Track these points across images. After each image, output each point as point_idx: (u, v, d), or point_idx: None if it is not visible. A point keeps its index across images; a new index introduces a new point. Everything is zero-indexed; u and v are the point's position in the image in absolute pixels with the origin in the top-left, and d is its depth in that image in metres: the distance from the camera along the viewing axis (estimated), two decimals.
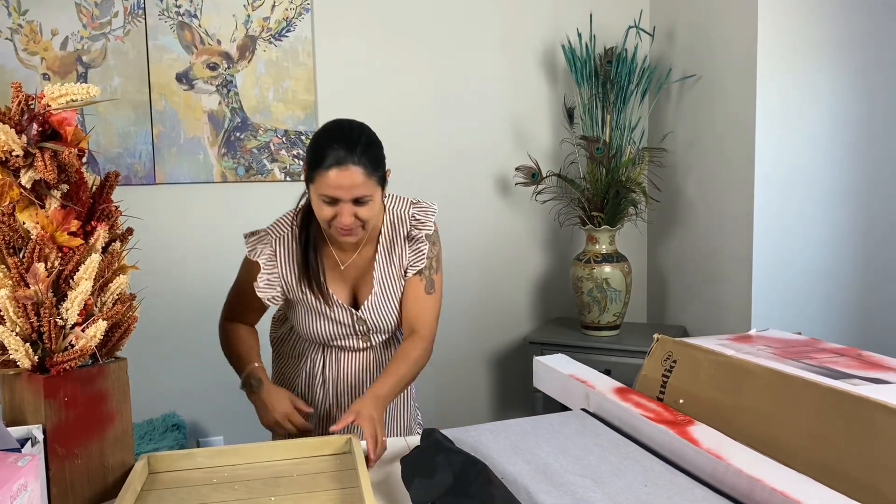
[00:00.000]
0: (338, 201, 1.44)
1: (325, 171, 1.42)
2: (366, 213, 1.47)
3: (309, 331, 1.66)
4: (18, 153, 1.05)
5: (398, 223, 1.65)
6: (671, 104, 2.90)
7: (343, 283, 1.65)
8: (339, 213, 1.45)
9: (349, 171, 1.41)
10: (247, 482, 1.19)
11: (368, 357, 1.72)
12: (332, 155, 1.42)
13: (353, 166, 1.42)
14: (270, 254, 1.61)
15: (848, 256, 2.41)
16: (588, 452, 1.22)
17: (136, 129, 2.69)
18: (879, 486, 0.96)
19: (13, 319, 1.05)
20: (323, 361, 1.71)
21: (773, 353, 1.32)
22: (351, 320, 1.64)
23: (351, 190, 1.43)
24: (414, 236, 1.64)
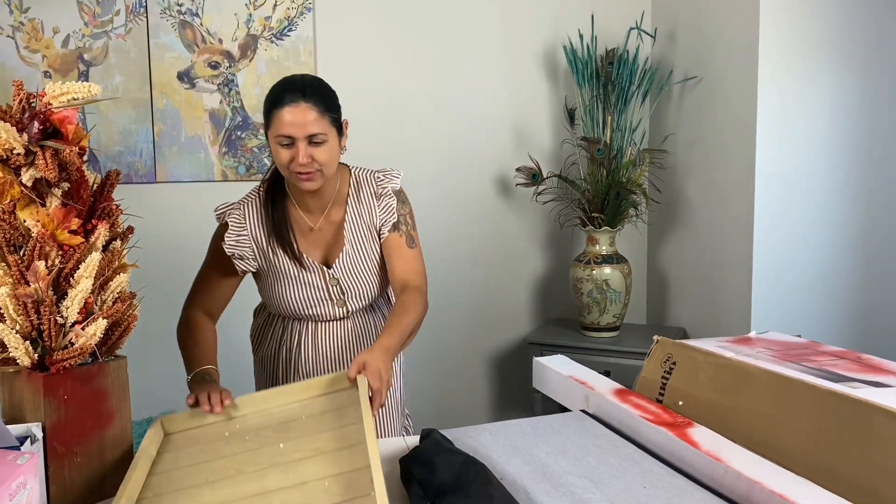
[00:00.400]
0: (293, 142, 1.50)
1: (279, 110, 1.50)
2: (322, 156, 1.52)
3: (283, 300, 1.66)
4: (20, 151, 1.05)
5: (364, 184, 1.69)
6: (672, 106, 2.90)
7: (315, 247, 1.67)
8: (294, 154, 1.51)
9: (300, 107, 1.49)
10: (257, 431, 1.20)
11: (347, 327, 1.72)
12: (286, 96, 1.51)
13: (304, 103, 1.49)
14: (239, 216, 1.66)
15: (848, 259, 2.41)
16: (587, 453, 1.22)
17: (137, 128, 2.69)
18: (878, 489, 0.96)
19: (13, 317, 1.05)
20: (299, 336, 1.71)
21: (773, 355, 1.32)
22: (324, 280, 1.65)
23: (304, 127, 1.49)
24: (381, 193, 1.68)
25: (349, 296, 1.68)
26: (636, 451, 1.22)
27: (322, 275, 1.65)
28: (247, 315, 1.97)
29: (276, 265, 1.65)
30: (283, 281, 1.65)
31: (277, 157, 1.53)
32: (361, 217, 1.68)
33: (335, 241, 1.67)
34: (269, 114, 1.53)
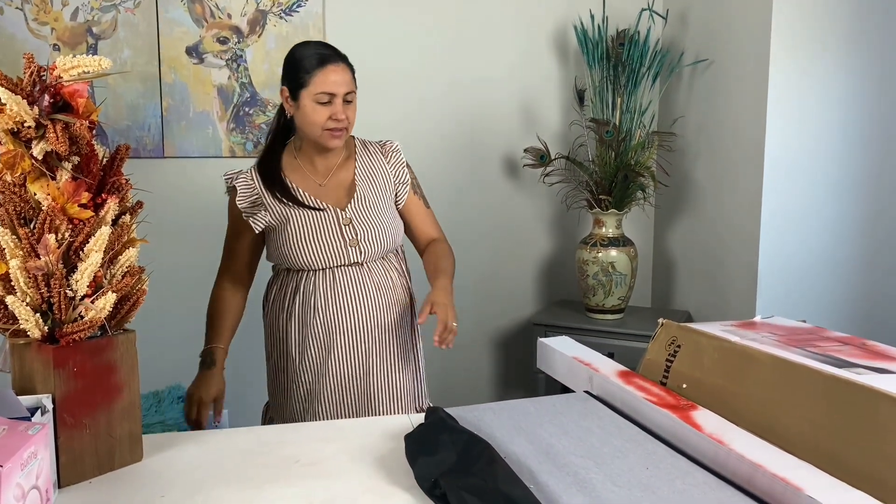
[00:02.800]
0: (333, 99, 1.62)
1: (321, 69, 1.62)
2: (352, 114, 1.67)
3: (297, 246, 1.70)
4: (30, 124, 1.05)
5: (368, 145, 1.83)
6: (682, 88, 2.88)
7: (326, 196, 1.74)
8: (334, 111, 1.62)
9: (341, 66, 1.65)
10: None
11: (362, 275, 1.74)
12: (325, 55, 1.64)
13: (342, 63, 1.66)
14: (246, 176, 1.74)
15: (855, 245, 2.40)
16: (590, 434, 1.23)
17: (146, 102, 2.69)
18: (882, 475, 0.96)
19: (24, 290, 1.06)
20: (313, 286, 1.73)
21: (778, 340, 1.33)
22: (337, 222, 1.70)
23: (344, 85, 1.63)
24: (388, 151, 1.82)
25: (362, 237, 1.71)
26: (639, 433, 1.23)
27: (335, 216, 1.70)
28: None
29: (289, 214, 1.70)
30: (297, 227, 1.70)
31: (313, 114, 1.62)
32: (372, 172, 1.77)
33: (346, 190, 1.75)
34: (309, 73, 1.62)
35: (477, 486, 0.97)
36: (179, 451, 1.24)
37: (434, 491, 1.03)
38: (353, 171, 1.77)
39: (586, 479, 1.05)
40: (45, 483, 0.91)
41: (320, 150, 1.73)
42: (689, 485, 1.03)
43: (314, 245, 1.69)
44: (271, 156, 1.77)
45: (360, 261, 1.72)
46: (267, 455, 1.22)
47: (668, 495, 1.00)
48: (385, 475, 1.14)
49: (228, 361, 2.90)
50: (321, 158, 1.75)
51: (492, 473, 1.01)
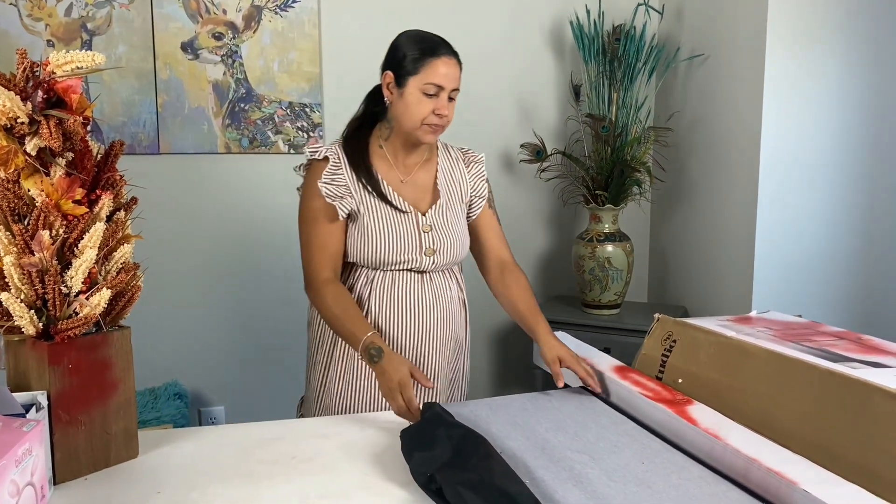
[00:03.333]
0: (440, 92, 1.55)
1: (436, 59, 1.54)
2: (452, 112, 1.59)
3: (373, 243, 1.59)
4: (24, 120, 1.05)
5: (450, 149, 1.76)
6: (678, 83, 2.88)
7: (407, 195, 1.65)
8: (438, 106, 1.55)
9: (453, 61, 1.57)
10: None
11: (424, 283, 1.65)
12: (441, 46, 1.57)
13: (454, 58, 1.58)
14: (334, 155, 1.62)
15: (851, 240, 2.40)
16: (586, 430, 1.23)
17: (141, 98, 2.68)
18: (876, 468, 0.96)
19: (18, 286, 1.06)
20: (371, 284, 1.63)
21: (773, 335, 1.33)
22: (417, 227, 1.61)
23: (454, 80, 1.56)
24: (471, 161, 1.75)
25: (440, 248, 1.63)
26: (635, 428, 1.23)
27: (416, 220, 1.62)
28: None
29: (370, 208, 1.61)
30: (374, 221, 1.60)
31: (417, 105, 1.55)
32: (452, 178, 1.71)
33: (427, 192, 1.67)
34: (420, 61, 1.54)
35: (473, 480, 0.97)
36: (175, 448, 1.24)
37: (430, 486, 1.03)
38: (435, 174, 1.69)
39: (582, 473, 1.05)
40: (40, 480, 0.91)
41: (409, 145, 1.64)
42: (685, 479, 1.03)
43: (389, 245, 1.60)
44: (358, 139, 1.66)
45: (428, 269, 1.64)
46: (263, 451, 1.22)
47: (664, 489, 1.01)
48: (381, 471, 1.14)
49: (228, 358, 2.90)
50: (407, 154, 1.66)
51: (488, 469, 1.01)
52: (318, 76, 2.79)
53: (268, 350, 2.85)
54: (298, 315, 2.81)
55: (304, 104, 2.80)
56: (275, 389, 2.88)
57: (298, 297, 2.74)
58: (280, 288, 2.84)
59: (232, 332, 2.84)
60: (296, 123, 2.80)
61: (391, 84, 1.59)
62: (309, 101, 2.80)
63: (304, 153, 1.67)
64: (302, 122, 2.80)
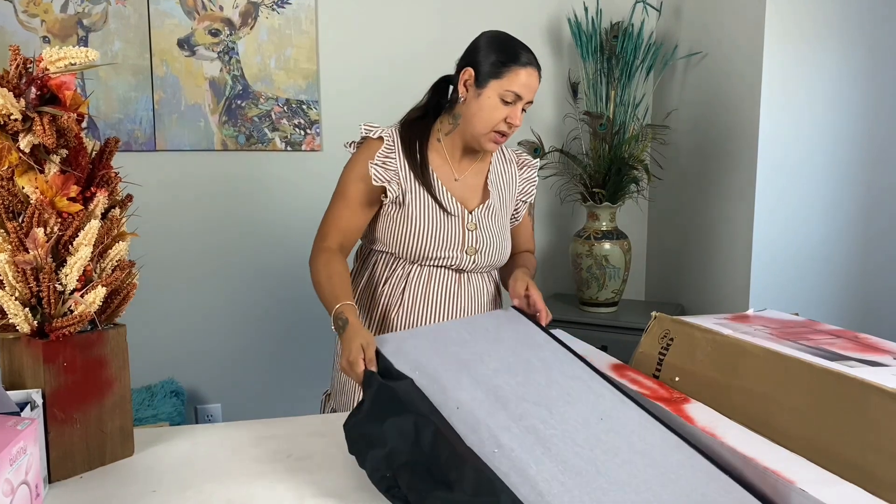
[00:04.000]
0: (518, 101, 1.52)
1: (520, 67, 1.51)
2: (521, 123, 1.56)
3: (415, 237, 1.56)
4: (17, 117, 1.04)
5: (505, 150, 1.74)
6: (676, 81, 2.87)
7: (457, 192, 1.62)
8: (512, 115, 1.53)
9: (536, 73, 1.54)
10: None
11: (461, 282, 1.62)
12: (527, 55, 1.53)
13: (538, 71, 1.54)
14: (390, 138, 1.59)
15: (848, 239, 2.40)
16: (533, 370, 1.21)
17: (137, 95, 2.67)
18: (873, 468, 0.96)
19: (12, 284, 1.05)
20: (407, 279, 1.59)
21: (770, 333, 1.33)
22: (462, 225, 1.59)
23: (533, 92, 1.54)
24: (524, 163, 1.74)
25: (483, 248, 1.60)
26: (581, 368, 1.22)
27: (462, 219, 1.59)
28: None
29: (418, 202, 1.57)
30: (420, 213, 1.56)
31: (493, 110, 1.52)
32: (503, 178, 1.70)
33: (477, 191, 1.65)
34: (505, 66, 1.51)
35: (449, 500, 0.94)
36: (171, 446, 1.23)
37: (393, 491, 0.99)
38: (487, 174, 1.67)
39: (547, 437, 1.04)
40: (34, 478, 0.91)
41: (471, 148, 1.61)
42: (648, 444, 1.02)
43: (432, 238, 1.57)
44: (418, 128, 1.63)
45: (467, 269, 1.61)
46: (259, 449, 1.21)
47: (630, 457, 0.99)
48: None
49: (225, 356, 2.90)
50: (464, 153, 1.63)
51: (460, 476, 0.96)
52: (315, 73, 2.79)
53: (265, 347, 2.85)
54: (295, 312, 2.81)
55: (302, 101, 2.79)
56: (272, 387, 2.87)
57: (295, 294, 2.75)
58: (277, 285, 2.83)
59: (228, 330, 2.83)
60: (293, 121, 2.79)
61: (469, 81, 1.55)
62: (306, 98, 2.79)
63: (360, 129, 1.62)
64: (299, 119, 2.79)
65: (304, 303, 1.96)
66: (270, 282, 2.83)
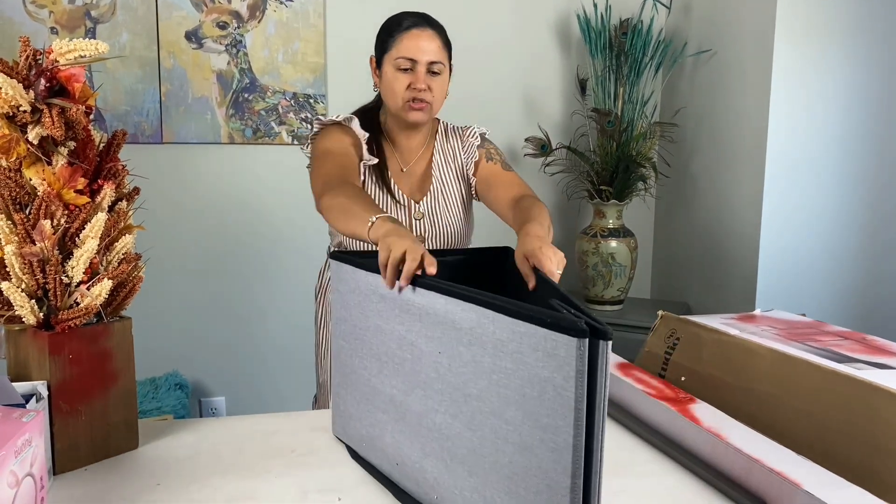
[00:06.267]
0: (414, 65, 1.52)
1: (404, 31, 1.53)
2: (437, 87, 1.56)
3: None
4: (26, 108, 1.04)
5: (451, 132, 1.74)
6: (685, 79, 2.86)
7: (404, 185, 1.66)
8: (414, 80, 1.52)
9: (426, 32, 1.53)
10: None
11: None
12: (410, 19, 1.54)
13: (430, 29, 1.54)
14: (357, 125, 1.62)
15: (857, 239, 2.39)
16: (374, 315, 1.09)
17: (144, 87, 2.67)
18: (879, 470, 0.96)
19: (19, 275, 1.05)
20: None
21: (778, 334, 1.32)
22: (409, 215, 1.63)
23: (427, 52, 1.52)
24: (465, 136, 1.72)
25: (431, 234, 1.64)
26: (395, 299, 1.03)
27: (408, 209, 1.63)
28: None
29: (368, 183, 1.63)
30: None
31: (394, 82, 1.54)
32: (447, 162, 1.70)
33: (423, 181, 1.68)
34: (390, 38, 1.54)
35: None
36: (175, 439, 1.23)
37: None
38: (431, 158, 1.69)
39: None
40: (39, 470, 0.91)
41: (403, 128, 1.64)
42: (489, 382, 0.88)
43: None
44: (371, 117, 1.65)
45: None
46: (263, 443, 1.21)
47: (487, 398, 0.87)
48: None
49: (230, 349, 2.91)
50: (405, 139, 1.66)
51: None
52: (322, 67, 2.78)
53: (269, 341, 2.85)
54: (301, 306, 2.81)
55: (309, 95, 2.79)
56: (276, 381, 2.88)
57: (301, 288, 2.74)
58: (282, 279, 2.83)
59: (233, 324, 2.84)
60: (300, 114, 2.79)
61: (373, 68, 1.61)
62: (313, 92, 2.79)
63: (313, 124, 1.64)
64: (306, 113, 2.79)
65: (311, 296, 1.95)
66: (276, 275, 2.83)
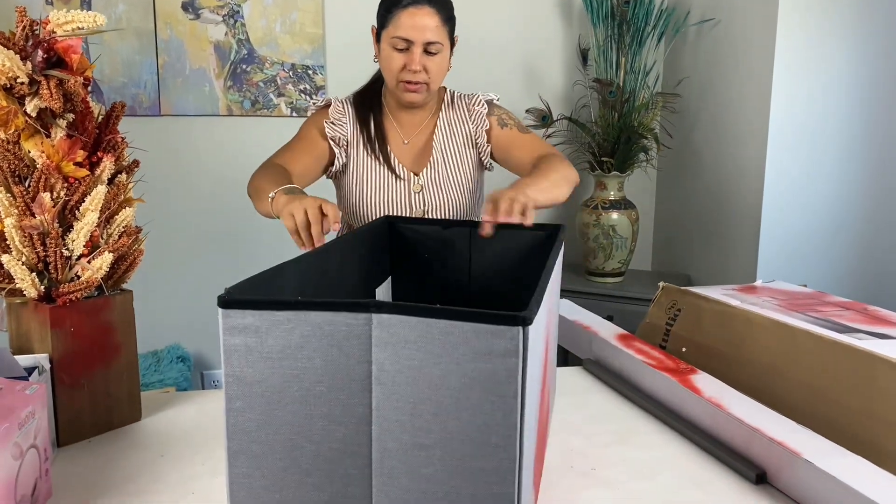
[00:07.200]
0: (410, 46, 1.47)
1: (402, 9, 1.45)
2: (434, 67, 1.50)
3: (363, 203, 1.58)
4: (23, 80, 1.03)
5: (457, 102, 1.68)
6: (688, 48, 2.83)
7: (405, 157, 1.63)
8: (409, 61, 1.48)
9: (424, 10, 1.45)
10: None
11: None
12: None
13: (427, 7, 1.46)
14: (341, 106, 1.61)
15: (858, 211, 2.38)
16: None
17: (141, 59, 2.65)
18: (879, 439, 0.96)
19: (19, 248, 1.05)
20: None
21: (779, 304, 1.32)
22: (408, 187, 1.60)
23: (424, 32, 1.45)
24: (472, 106, 1.66)
25: (431, 207, 1.61)
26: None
27: (408, 182, 1.60)
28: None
29: (364, 167, 1.60)
30: (368, 184, 1.59)
31: (389, 61, 1.50)
32: (453, 132, 1.65)
33: (424, 152, 1.64)
34: (388, 13, 1.48)
35: None
36: (179, 411, 1.24)
37: None
38: (434, 129, 1.65)
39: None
40: (43, 442, 0.91)
41: (401, 104, 1.61)
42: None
43: (380, 206, 1.58)
44: (371, 94, 1.64)
45: None
46: None
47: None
48: None
49: None
50: (405, 113, 1.63)
51: None
52: (321, 38, 2.75)
53: None
54: None
55: (307, 66, 2.76)
56: None
57: None
58: (282, 250, 2.83)
59: None
60: (298, 86, 2.77)
61: (374, 39, 1.57)
62: (311, 63, 2.76)
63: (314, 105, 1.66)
64: (305, 84, 2.77)
65: None
66: (276, 247, 2.83)
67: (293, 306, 0.69)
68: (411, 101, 1.56)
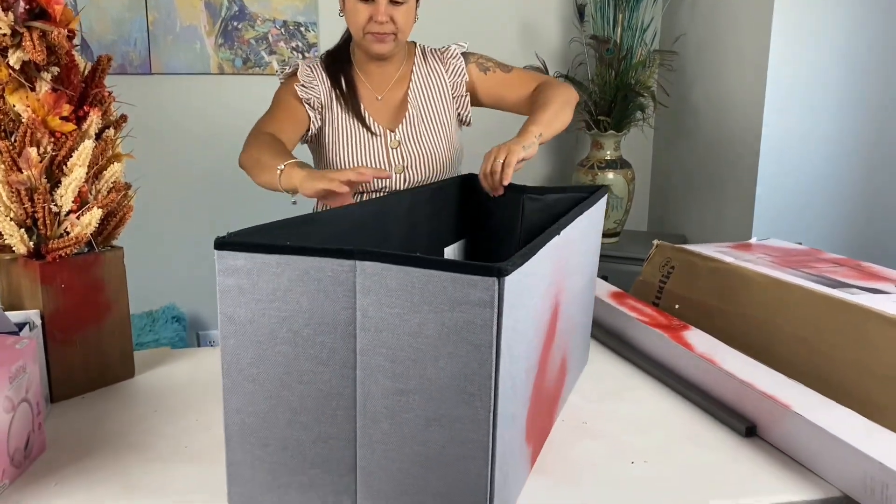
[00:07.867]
0: None
1: None
2: (400, 17, 1.49)
3: (338, 162, 1.58)
4: (5, 31, 1.01)
5: (429, 55, 1.67)
6: (685, 5, 2.79)
7: (380, 114, 1.62)
8: (374, 11, 1.46)
9: None
10: None
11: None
12: None
13: None
14: (310, 69, 1.60)
15: (853, 169, 2.37)
16: None
17: (131, 16, 2.60)
18: (871, 394, 0.97)
19: (7, 204, 1.04)
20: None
21: (773, 261, 1.32)
22: (385, 144, 1.58)
23: None
24: (446, 58, 1.65)
25: (410, 163, 1.59)
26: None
27: (384, 138, 1.58)
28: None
29: (339, 127, 1.58)
30: (344, 142, 1.58)
31: (355, 14, 1.48)
32: (428, 86, 1.64)
33: (400, 108, 1.62)
34: None
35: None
36: (172, 368, 1.24)
37: None
38: (409, 84, 1.63)
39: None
40: (35, 397, 0.91)
41: (371, 58, 1.58)
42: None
43: (355, 164, 1.55)
44: (340, 53, 1.62)
45: (405, 189, 1.57)
46: None
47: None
48: None
49: None
50: (375, 68, 1.60)
51: None
52: None
53: None
54: None
55: (299, 23, 2.72)
56: None
57: None
58: (275, 209, 2.81)
59: None
60: (290, 43, 2.73)
61: None
62: (304, 20, 2.72)
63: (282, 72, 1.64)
64: (297, 41, 2.73)
65: None
66: (268, 206, 2.81)
67: (281, 250, 0.71)
68: (379, 52, 1.53)
